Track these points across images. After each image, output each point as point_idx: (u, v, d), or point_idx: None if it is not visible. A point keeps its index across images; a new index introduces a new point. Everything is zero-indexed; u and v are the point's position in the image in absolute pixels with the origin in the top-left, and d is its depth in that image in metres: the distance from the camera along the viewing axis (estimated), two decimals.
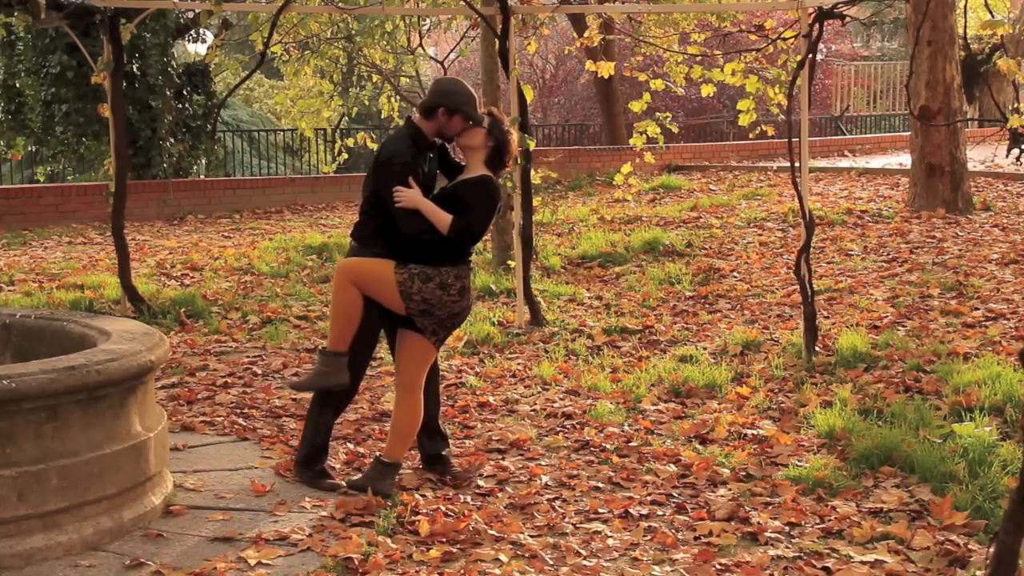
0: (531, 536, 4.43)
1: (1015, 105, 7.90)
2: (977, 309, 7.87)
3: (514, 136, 5.01)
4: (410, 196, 4.73)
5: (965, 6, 10.45)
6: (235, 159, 19.25)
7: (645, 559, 4.21)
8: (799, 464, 5.21)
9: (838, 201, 13.00)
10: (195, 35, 21.90)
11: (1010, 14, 19.94)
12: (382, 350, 7.64)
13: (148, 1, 8.93)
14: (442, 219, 4.72)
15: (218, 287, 9.66)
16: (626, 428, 5.90)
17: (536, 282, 9.02)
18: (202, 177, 16.65)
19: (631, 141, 10.10)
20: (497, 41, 7.96)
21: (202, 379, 6.93)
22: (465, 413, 6.20)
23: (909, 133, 13.44)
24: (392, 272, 4.75)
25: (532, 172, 8.29)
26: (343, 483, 4.92)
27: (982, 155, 16.56)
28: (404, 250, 4.80)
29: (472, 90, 4.99)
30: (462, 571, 4.08)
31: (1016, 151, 16.25)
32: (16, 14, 8.25)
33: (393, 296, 4.76)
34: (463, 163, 5.03)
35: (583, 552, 4.28)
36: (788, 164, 7.33)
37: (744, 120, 8.74)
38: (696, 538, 4.42)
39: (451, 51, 20.94)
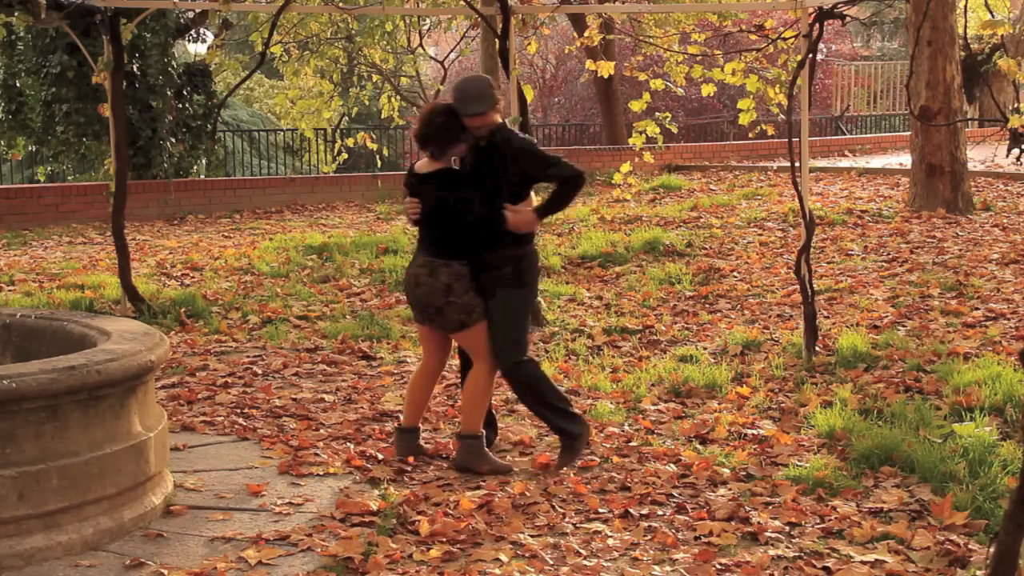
0: (531, 536, 4.43)
1: (1015, 105, 7.91)
2: (977, 309, 7.87)
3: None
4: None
5: (965, 6, 10.47)
6: (235, 159, 19.25)
7: (645, 559, 4.21)
8: (799, 464, 5.21)
9: (838, 201, 13.00)
10: (195, 35, 21.90)
11: (1010, 14, 19.95)
12: (381, 350, 7.66)
13: (148, 1, 8.93)
14: None
15: (218, 287, 9.66)
16: (626, 428, 5.90)
17: None
18: (202, 177, 16.65)
19: (630, 141, 10.10)
20: (497, 41, 7.96)
21: (202, 379, 6.93)
22: None
23: (909, 133, 13.44)
24: None
25: None
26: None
27: (982, 155, 16.56)
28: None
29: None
30: (462, 571, 4.08)
31: (1016, 151, 16.24)
32: (16, 14, 8.25)
33: None
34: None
35: (583, 552, 4.28)
36: (788, 164, 7.33)
37: (744, 120, 8.74)
38: (696, 538, 4.42)
39: (451, 51, 20.98)
